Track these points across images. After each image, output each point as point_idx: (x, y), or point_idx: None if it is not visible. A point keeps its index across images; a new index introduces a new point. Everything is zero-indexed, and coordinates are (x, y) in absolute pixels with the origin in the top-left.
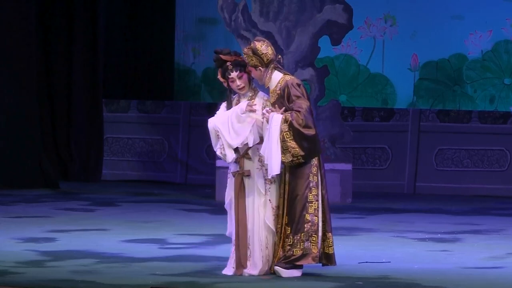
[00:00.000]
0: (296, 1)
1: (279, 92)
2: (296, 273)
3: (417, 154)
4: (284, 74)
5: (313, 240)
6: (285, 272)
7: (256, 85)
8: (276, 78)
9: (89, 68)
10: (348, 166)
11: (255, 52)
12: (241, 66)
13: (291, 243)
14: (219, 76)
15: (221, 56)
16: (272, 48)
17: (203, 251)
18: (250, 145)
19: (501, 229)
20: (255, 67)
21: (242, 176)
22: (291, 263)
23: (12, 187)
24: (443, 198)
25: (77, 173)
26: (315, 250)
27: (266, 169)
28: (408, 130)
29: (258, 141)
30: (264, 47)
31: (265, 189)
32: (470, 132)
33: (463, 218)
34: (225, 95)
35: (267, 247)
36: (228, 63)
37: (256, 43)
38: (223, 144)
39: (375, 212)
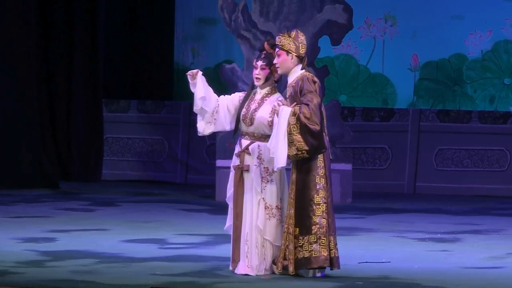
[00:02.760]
0: (296, 1)
1: (294, 85)
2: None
3: (417, 154)
4: (306, 71)
5: (322, 243)
6: (308, 273)
7: (277, 87)
8: (297, 72)
9: (89, 68)
10: (348, 166)
11: (295, 38)
12: (270, 62)
13: (300, 244)
14: (254, 60)
15: (265, 42)
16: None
17: (203, 251)
18: (198, 96)
19: (501, 229)
20: (288, 51)
21: (241, 170)
22: (303, 267)
23: (12, 187)
24: (443, 198)
25: (77, 173)
26: (324, 253)
27: (265, 167)
28: (408, 130)
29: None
30: (303, 39)
31: (261, 188)
32: (470, 132)
33: (463, 218)
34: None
35: (263, 246)
36: (263, 52)
37: (299, 32)
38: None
39: (375, 212)
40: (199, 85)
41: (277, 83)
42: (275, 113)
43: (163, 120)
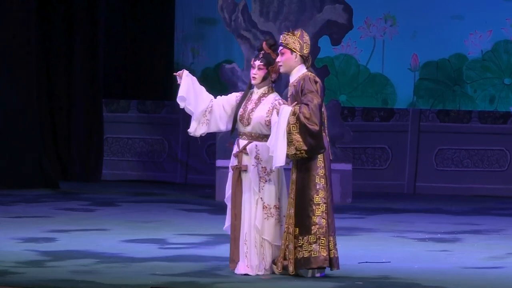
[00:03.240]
0: (296, 1)
1: (295, 84)
2: (317, 274)
3: (417, 154)
4: (309, 71)
5: (321, 243)
6: (309, 274)
7: (274, 87)
8: (300, 72)
9: (89, 68)
10: (348, 166)
11: (300, 37)
12: (268, 62)
13: (300, 244)
14: (253, 58)
15: (264, 42)
16: None
17: (203, 251)
18: (178, 95)
19: (501, 229)
20: (292, 50)
21: (239, 170)
22: (303, 267)
23: (12, 187)
24: (443, 198)
25: (77, 173)
26: (324, 253)
27: (263, 167)
28: (408, 130)
29: (204, 108)
30: (308, 39)
31: (259, 187)
32: (470, 132)
33: (463, 218)
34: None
35: (262, 245)
36: (261, 52)
37: (304, 32)
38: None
39: (375, 212)
40: (182, 85)
41: (274, 83)
42: (272, 113)
43: (163, 120)
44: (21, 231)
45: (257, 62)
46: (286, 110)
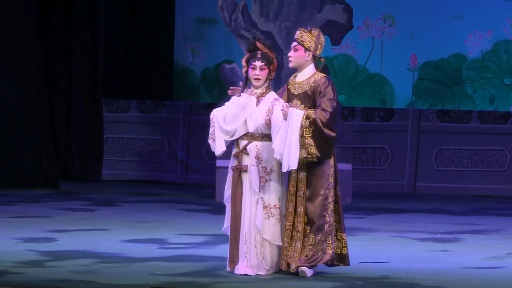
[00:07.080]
0: (296, 1)
1: (312, 84)
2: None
3: (417, 154)
4: (320, 72)
5: (328, 241)
6: (309, 272)
7: (270, 86)
8: (311, 71)
9: (89, 68)
10: (348, 166)
11: (317, 37)
12: (268, 61)
13: (312, 243)
14: (243, 60)
15: (256, 42)
16: None
17: (203, 251)
18: (250, 130)
19: (501, 229)
20: (307, 48)
21: (240, 171)
22: (314, 264)
23: (12, 187)
24: (443, 198)
25: (77, 173)
26: (330, 251)
27: (263, 166)
28: (408, 130)
29: (254, 128)
30: (323, 40)
31: (259, 187)
32: (470, 132)
33: (463, 218)
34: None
35: (262, 245)
36: (258, 51)
37: (321, 33)
38: (214, 133)
39: (375, 212)
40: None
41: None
42: (272, 112)
43: (163, 120)
44: (21, 231)
45: (258, 63)
46: (298, 113)
